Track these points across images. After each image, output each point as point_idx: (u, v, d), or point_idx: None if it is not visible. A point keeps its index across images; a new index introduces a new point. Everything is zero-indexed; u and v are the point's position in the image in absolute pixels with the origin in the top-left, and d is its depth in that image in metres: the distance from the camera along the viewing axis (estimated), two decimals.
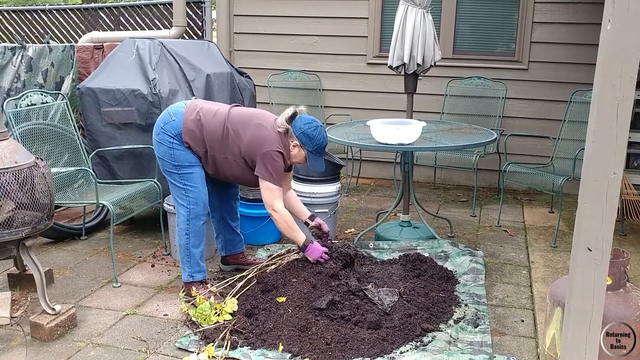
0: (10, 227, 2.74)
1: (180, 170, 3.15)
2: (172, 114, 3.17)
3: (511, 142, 5.14)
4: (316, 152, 3.12)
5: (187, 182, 3.16)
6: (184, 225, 3.21)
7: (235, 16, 6.17)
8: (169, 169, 3.18)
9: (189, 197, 3.17)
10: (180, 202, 3.20)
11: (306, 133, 3.07)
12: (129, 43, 4.26)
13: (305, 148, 3.10)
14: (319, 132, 3.09)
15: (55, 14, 7.39)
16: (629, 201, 4.69)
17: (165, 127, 3.15)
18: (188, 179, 3.16)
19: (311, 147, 3.09)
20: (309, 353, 2.69)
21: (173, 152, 3.13)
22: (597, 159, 1.70)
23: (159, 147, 3.18)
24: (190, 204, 3.18)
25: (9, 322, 2.99)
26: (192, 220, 3.19)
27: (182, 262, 3.27)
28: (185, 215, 3.19)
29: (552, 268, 3.79)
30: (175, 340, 2.88)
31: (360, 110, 5.86)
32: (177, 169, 3.15)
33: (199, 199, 3.18)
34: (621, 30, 1.61)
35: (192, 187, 3.17)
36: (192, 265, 3.24)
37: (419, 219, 4.27)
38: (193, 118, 3.14)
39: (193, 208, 3.18)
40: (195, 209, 3.18)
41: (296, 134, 3.07)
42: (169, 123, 3.14)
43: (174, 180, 3.19)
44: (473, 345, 2.81)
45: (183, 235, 3.21)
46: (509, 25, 5.60)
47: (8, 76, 4.23)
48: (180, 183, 3.17)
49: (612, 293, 2.27)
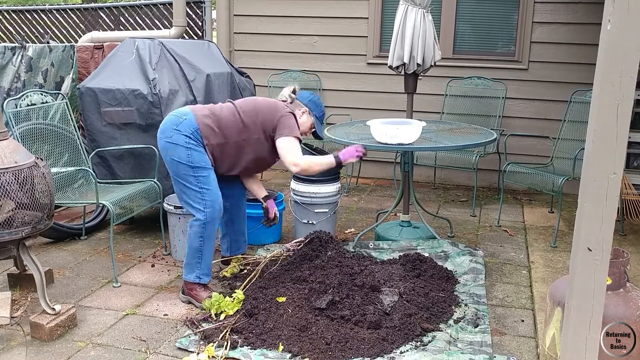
0: (10, 227, 2.74)
1: (196, 172, 3.11)
2: (180, 115, 3.17)
3: (511, 142, 5.14)
4: (321, 119, 3.48)
5: (203, 184, 3.13)
6: (199, 229, 3.16)
7: (235, 16, 6.17)
8: (185, 172, 3.11)
9: (205, 200, 3.13)
10: (195, 205, 3.15)
11: (313, 100, 3.44)
12: (129, 43, 4.26)
13: (313, 114, 3.41)
14: (320, 101, 3.53)
15: (55, 14, 7.39)
16: (629, 201, 4.69)
17: (178, 127, 3.12)
18: (204, 181, 3.13)
19: (318, 112, 3.44)
20: (309, 353, 2.69)
21: (190, 153, 3.10)
22: (597, 159, 1.70)
23: (175, 149, 3.11)
24: (207, 207, 3.13)
25: (9, 322, 2.99)
26: (209, 223, 3.15)
27: (190, 263, 3.23)
28: (202, 219, 3.14)
29: (552, 268, 3.79)
30: (175, 340, 2.88)
31: (360, 110, 5.86)
32: (194, 170, 3.11)
33: (215, 201, 3.15)
34: (621, 30, 1.61)
35: (207, 189, 3.13)
36: (202, 268, 3.22)
37: (419, 219, 4.27)
38: (205, 113, 3.19)
39: (210, 211, 3.13)
40: (212, 212, 3.14)
41: (304, 102, 3.40)
42: (182, 123, 3.13)
43: (189, 183, 3.13)
44: (473, 345, 2.81)
45: (197, 239, 3.17)
46: (509, 25, 5.60)
47: (8, 76, 4.23)
48: (196, 186, 3.12)
49: (612, 293, 2.27)
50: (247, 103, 3.31)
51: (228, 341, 2.78)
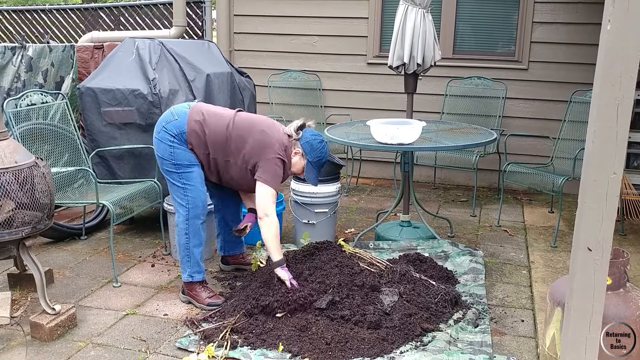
0: (10, 227, 2.74)
1: (179, 169, 3.14)
2: (174, 114, 3.17)
3: (511, 142, 5.14)
4: (315, 165, 3.24)
5: (186, 181, 3.16)
6: (183, 225, 3.20)
7: (235, 16, 6.17)
8: (168, 168, 3.17)
9: (187, 197, 3.17)
10: (179, 201, 3.20)
11: (311, 143, 3.19)
12: (129, 43, 4.26)
13: (305, 157, 3.21)
14: (322, 146, 3.23)
15: (55, 14, 7.39)
16: (629, 201, 4.68)
17: (167, 126, 3.14)
18: (187, 178, 3.16)
19: (312, 157, 3.21)
20: (309, 353, 2.69)
21: (173, 151, 3.12)
22: (597, 159, 1.70)
23: (159, 145, 3.17)
24: (189, 204, 3.17)
25: (9, 322, 2.99)
26: (191, 219, 3.19)
27: (181, 261, 3.27)
28: (184, 215, 3.19)
29: (552, 268, 3.79)
30: (175, 340, 2.88)
31: (360, 110, 5.86)
32: (177, 167, 3.14)
33: (198, 198, 3.18)
34: (621, 30, 1.61)
35: (190, 186, 3.16)
36: (192, 265, 3.24)
37: (419, 219, 4.27)
38: (197, 119, 3.14)
39: (192, 208, 3.17)
40: (194, 209, 3.18)
41: (301, 142, 3.19)
42: (172, 122, 3.14)
43: (173, 179, 3.18)
44: (473, 345, 2.81)
45: (183, 235, 3.21)
46: (509, 25, 5.60)
47: (8, 76, 4.23)
48: (179, 182, 3.16)
49: (612, 293, 2.27)
50: (243, 127, 3.14)
51: (228, 341, 2.78)
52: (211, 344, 2.76)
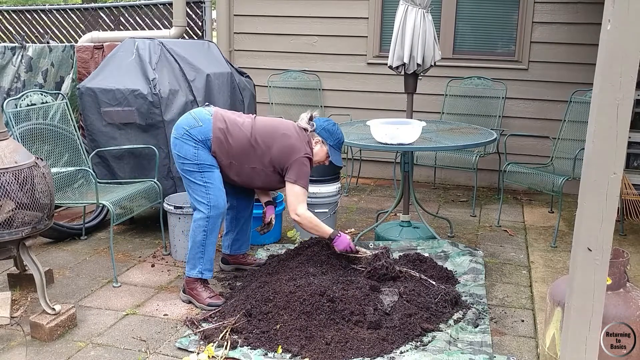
0: (10, 227, 2.74)
1: (202, 169, 3.17)
2: (198, 120, 3.18)
3: (511, 142, 5.14)
4: (336, 147, 3.37)
5: (208, 180, 3.17)
6: (202, 222, 3.19)
7: (235, 16, 6.17)
8: (190, 168, 3.17)
9: (209, 195, 3.17)
10: (199, 199, 3.19)
11: (326, 129, 3.34)
12: (129, 43, 4.26)
13: (327, 143, 3.33)
14: (336, 128, 3.39)
15: (55, 14, 7.39)
16: (629, 201, 4.69)
17: (191, 131, 3.15)
18: (209, 177, 3.17)
19: (332, 141, 3.34)
20: (308, 353, 2.69)
21: (197, 152, 3.15)
22: (597, 159, 1.70)
23: (182, 146, 3.16)
24: (210, 202, 3.17)
25: (9, 322, 2.98)
26: (212, 218, 3.19)
27: (192, 258, 3.24)
28: (206, 212, 3.18)
29: (552, 268, 3.79)
30: (175, 340, 2.88)
31: (360, 110, 5.86)
32: (199, 167, 3.16)
33: (220, 197, 3.19)
34: (621, 30, 1.61)
35: (212, 185, 3.18)
36: (205, 262, 3.24)
37: (419, 219, 4.27)
38: (221, 127, 3.18)
39: (214, 206, 3.18)
40: (216, 208, 3.18)
41: (317, 130, 3.32)
42: (196, 128, 3.16)
43: (194, 178, 3.18)
44: (473, 345, 2.81)
45: (200, 232, 3.20)
46: (509, 25, 5.60)
47: (8, 76, 4.23)
48: (200, 181, 3.17)
49: (612, 293, 2.27)
50: (265, 133, 3.23)
51: (228, 341, 2.78)
52: (211, 344, 2.76)
